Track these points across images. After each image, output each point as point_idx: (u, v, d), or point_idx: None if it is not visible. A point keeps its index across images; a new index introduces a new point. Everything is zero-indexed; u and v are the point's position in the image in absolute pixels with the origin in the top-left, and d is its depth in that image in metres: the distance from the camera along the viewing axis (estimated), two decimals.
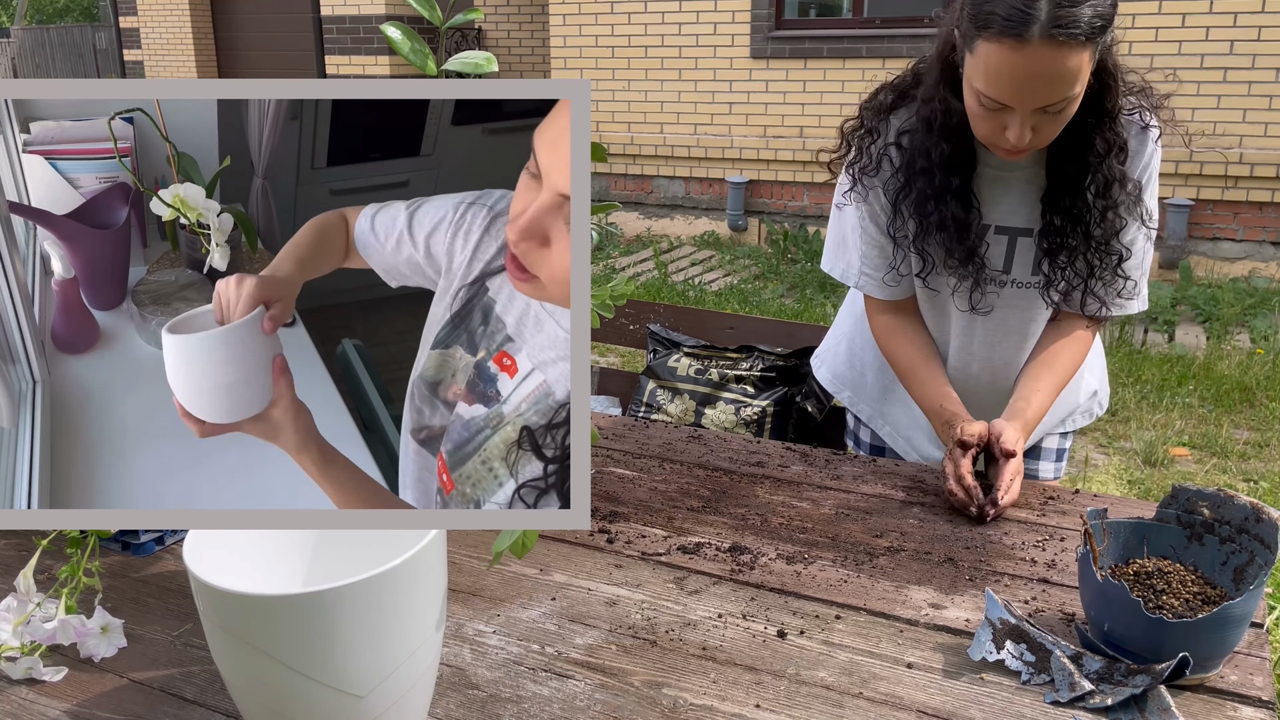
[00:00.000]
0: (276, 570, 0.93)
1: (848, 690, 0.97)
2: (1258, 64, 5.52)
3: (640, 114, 7.16)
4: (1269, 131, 5.56)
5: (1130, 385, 4.26)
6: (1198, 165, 5.69)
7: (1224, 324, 5.02)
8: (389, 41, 0.93)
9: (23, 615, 0.99)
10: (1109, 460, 3.62)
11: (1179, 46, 5.63)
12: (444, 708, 0.94)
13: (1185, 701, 0.95)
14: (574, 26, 7.27)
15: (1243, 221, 5.75)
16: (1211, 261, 5.84)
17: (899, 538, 1.27)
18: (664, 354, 2.08)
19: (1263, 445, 3.71)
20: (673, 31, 6.95)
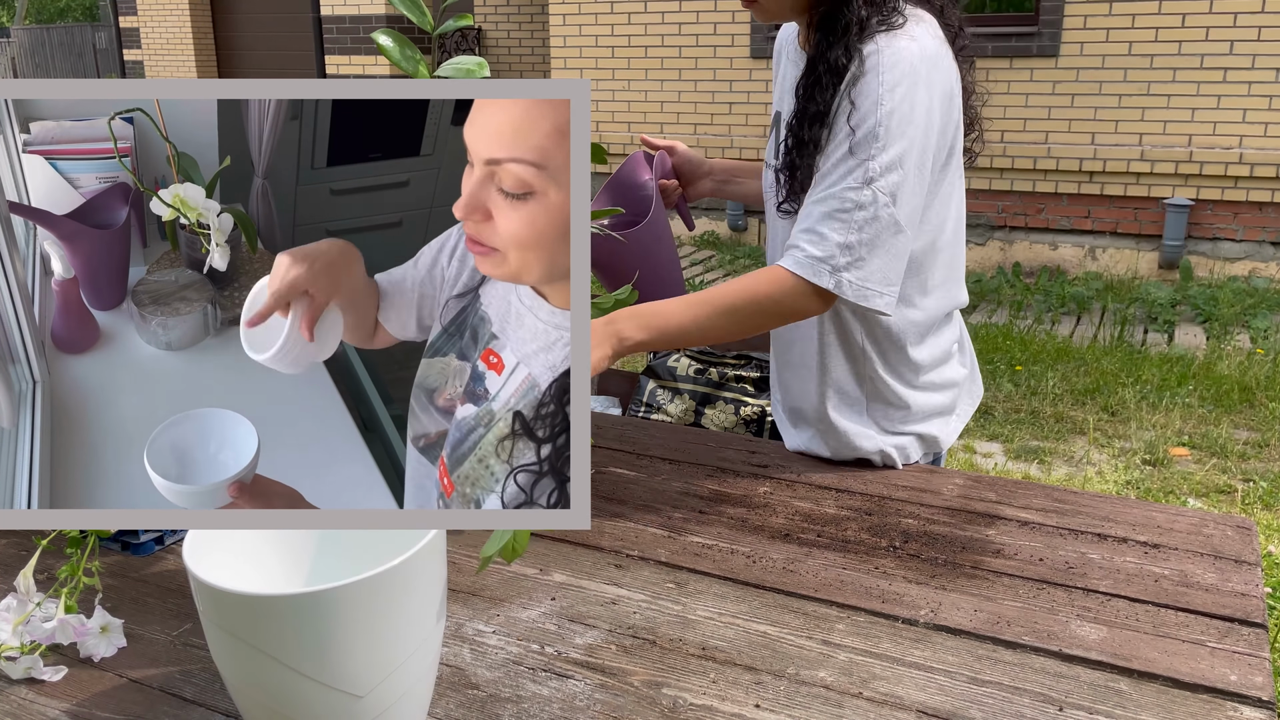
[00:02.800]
0: (276, 570, 0.93)
1: (848, 690, 0.97)
2: (1258, 64, 5.52)
3: (640, 114, 7.16)
4: (1269, 131, 5.56)
5: (1130, 385, 4.26)
6: (1198, 165, 5.69)
7: (1224, 324, 5.02)
8: (380, 49, 0.94)
9: (23, 615, 0.99)
10: (1109, 460, 3.62)
11: (1179, 46, 5.63)
12: (444, 708, 0.94)
13: (1185, 701, 0.95)
14: (574, 26, 7.27)
15: (1243, 221, 5.75)
16: (1211, 261, 5.85)
17: (899, 538, 1.27)
18: (664, 354, 2.08)
19: (1263, 445, 3.71)
20: (673, 31, 6.95)
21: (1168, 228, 5.75)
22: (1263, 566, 1.46)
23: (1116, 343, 4.83)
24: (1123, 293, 5.65)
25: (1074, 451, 3.71)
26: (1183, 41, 5.62)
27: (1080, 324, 5.24)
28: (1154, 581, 1.16)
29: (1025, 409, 4.09)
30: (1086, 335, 5.03)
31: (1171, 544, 1.25)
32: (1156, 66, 5.70)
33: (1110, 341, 4.86)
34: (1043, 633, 1.06)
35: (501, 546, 0.86)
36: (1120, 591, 1.14)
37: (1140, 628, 1.07)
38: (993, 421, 3.98)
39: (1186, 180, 5.76)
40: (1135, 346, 4.80)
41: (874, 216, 1.26)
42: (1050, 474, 3.54)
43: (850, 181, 1.27)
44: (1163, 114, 5.72)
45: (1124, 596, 1.13)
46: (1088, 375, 4.40)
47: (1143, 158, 5.80)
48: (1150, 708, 0.94)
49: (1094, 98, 5.88)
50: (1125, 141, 5.85)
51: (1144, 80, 5.74)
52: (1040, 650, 1.03)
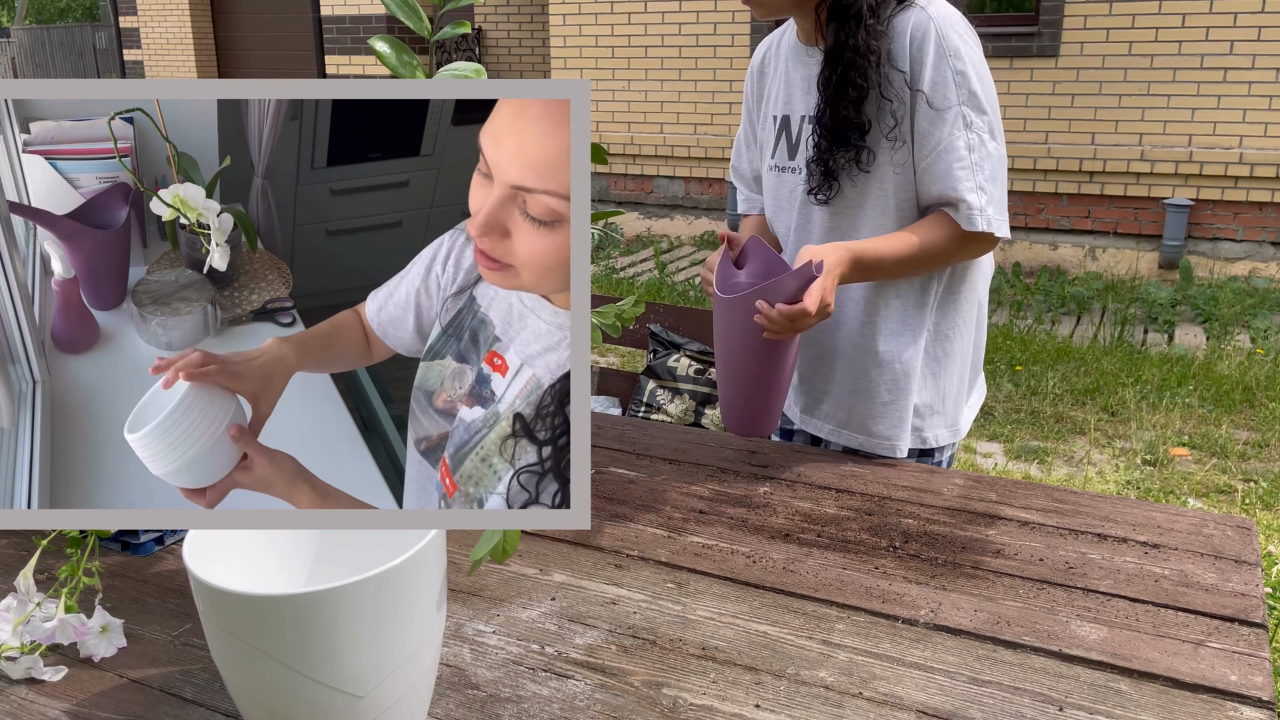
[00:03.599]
0: (276, 570, 0.93)
1: (848, 690, 0.97)
2: (1258, 64, 5.52)
3: (640, 114, 7.16)
4: (1269, 131, 5.56)
5: (1130, 385, 4.26)
6: (1198, 165, 5.69)
7: (1224, 324, 5.02)
8: (378, 56, 0.94)
9: (23, 615, 0.99)
10: (1109, 460, 3.62)
11: (1179, 46, 5.63)
12: (444, 708, 0.94)
13: (1185, 701, 0.95)
14: (574, 26, 7.27)
15: (1243, 221, 5.75)
16: (1211, 261, 5.84)
17: (899, 538, 1.27)
18: (664, 354, 2.08)
19: (1263, 445, 3.71)
20: (673, 31, 6.95)
21: (1168, 228, 5.75)
22: (1263, 566, 1.46)
23: (1116, 343, 4.83)
24: (1123, 293, 5.65)
25: (1074, 451, 3.71)
26: (1183, 41, 5.62)
27: (1080, 324, 5.25)
28: (1154, 581, 1.16)
29: (1025, 409, 4.09)
30: (1086, 335, 5.03)
31: (1171, 544, 1.25)
32: (1156, 66, 5.70)
33: (1110, 341, 4.87)
34: (1043, 633, 1.06)
35: (491, 548, 0.86)
36: (1120, 591, 1.14)
37: (1140, 628, 1.07)
38: (993, 421, 3.98)
39: (1186, 180, 5.76)
40: (1135, 346, 4.80)
41: (986, 154, 1.39)
42: (1050, 474, 3.54)
43: (955, 131, 1.37)
44: (1163, 114, 5.72)
45: (1124, 596, 1.13)
46: (1088, 375, 4.40)
47: (1143, 158, 5.80)
48: (1150, 708, 0.94)
49: (1094, 98, 5.88)
50: (1125, 141, 5.85)
51: (1144, 80, 5.74)
52: (1040, 650, 1.03)
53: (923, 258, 1.41)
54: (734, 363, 1.37)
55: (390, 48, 0.95)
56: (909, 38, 1.36)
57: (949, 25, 1.37)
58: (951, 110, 1.36)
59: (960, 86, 1.36)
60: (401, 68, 0.95)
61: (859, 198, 1.45)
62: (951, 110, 1.36)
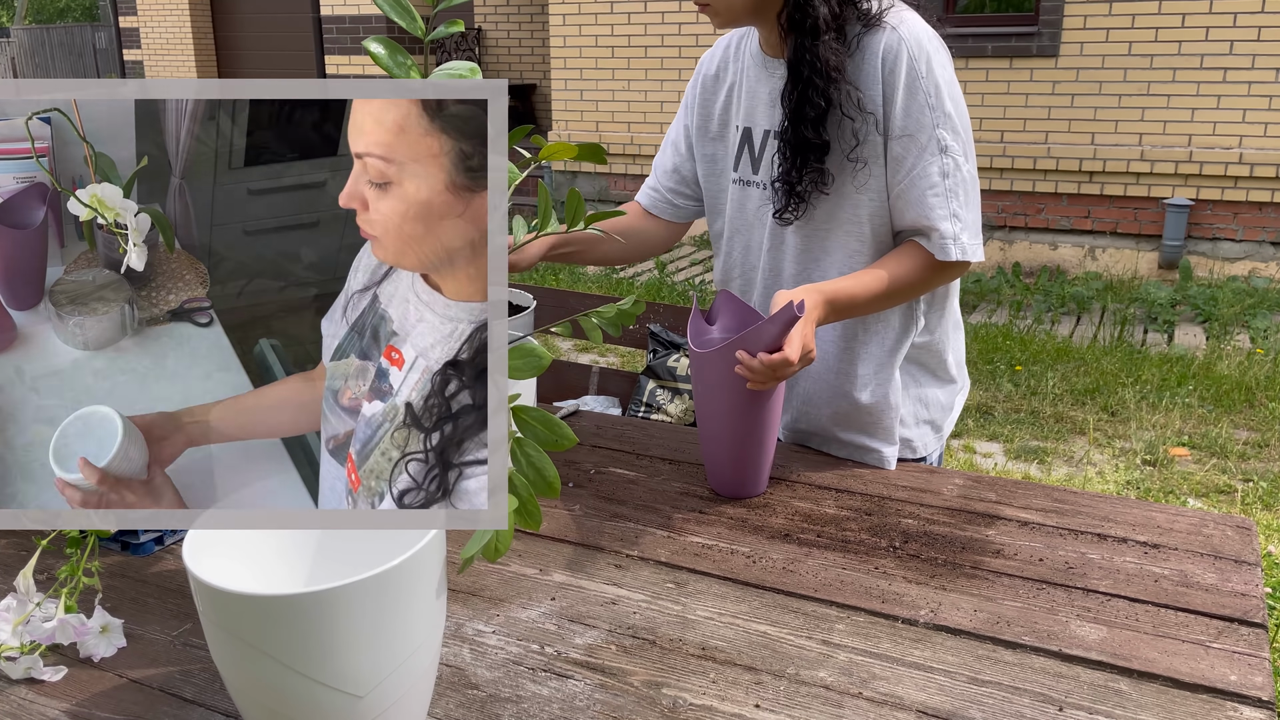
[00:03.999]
0: (276, 570, 0.93)
1: (848, 690, 0.97)
2: (1258, 64, 5.52)
3: (640, 114, 7.16)
4: (1269, 131, 5.56)
5: (1130, 385, 4.26)
6: (1198, 165, 5.69)
7: (1223, 324, 5.03)
8: (372, 57, 0.98)
9: (23, 615, 0.99)
10: (1109, 460, 3.62)
11: (1179, 46, 5.63)
12: (444, 708, 0.94)
13: (1185, 701, 0.95)
14: (574, 26, 7.27)
15: (1242, 221, 5.75)
16: (1211, 261, 5.84)
17: (899, 538, 1.27)
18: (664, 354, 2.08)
19: (1263, 445, 3.71)
20: (673, 31, 6.95)
21: (1167, 228, 5.75)
22: (1263, 566, 1.46)
23: (1116, 343, 4.83)
24: (1123, 293, 5.65)
25: (1074, 451, 3.71)
26: (1183, 41, 5.62)
27: (1080, 324, 5.25)
28: (1154, 581, 1.16)
29: (1025, 409, 4.09)
30: (1086, 335, 5.03)
31: (1171, 544, 1.25)
32: (1156, 66, 5.70)
33: (1110, 341, 4.87)
34: (1043, 633, 1.06)
35: (483, 546, 0.86)
36: (1120, 591, 1.14)
37: (1140, 628, 1.07)
38: (993, 421, 3.98)
39: (1186, 180, 5.75)
40: (1135, 346, 4.80)
41: (961, 180, 1.37)
42: (1050, 474, 3.54)
43: (927, 157, 1.35)
44: (1163, 114, 5.72)
45: (1124, 596, 1.13)
46: (1088, 375, 4.40)
47: (1143, 158, 5.80)
48: (1150, 708, 0.94)
49: (1094, 98, 5.88)
50: (1125, 141, 5.85)
51: (1144, 80, 5.74)
52: (1040, 650, 1.03)
53: (895, 292, 1.40)
54: (717, 419, 1.35)
55: (385, 49, 0.97)
56: (880, 60, 1.34)
57: (920, 46, 1.33)
58: (924, 134, 1.34)
59: (935, 109, 1.34)
60: (396, 69, 0.97)
61: (828, 220, 1.43)
62: (924, 134, 1.34)
